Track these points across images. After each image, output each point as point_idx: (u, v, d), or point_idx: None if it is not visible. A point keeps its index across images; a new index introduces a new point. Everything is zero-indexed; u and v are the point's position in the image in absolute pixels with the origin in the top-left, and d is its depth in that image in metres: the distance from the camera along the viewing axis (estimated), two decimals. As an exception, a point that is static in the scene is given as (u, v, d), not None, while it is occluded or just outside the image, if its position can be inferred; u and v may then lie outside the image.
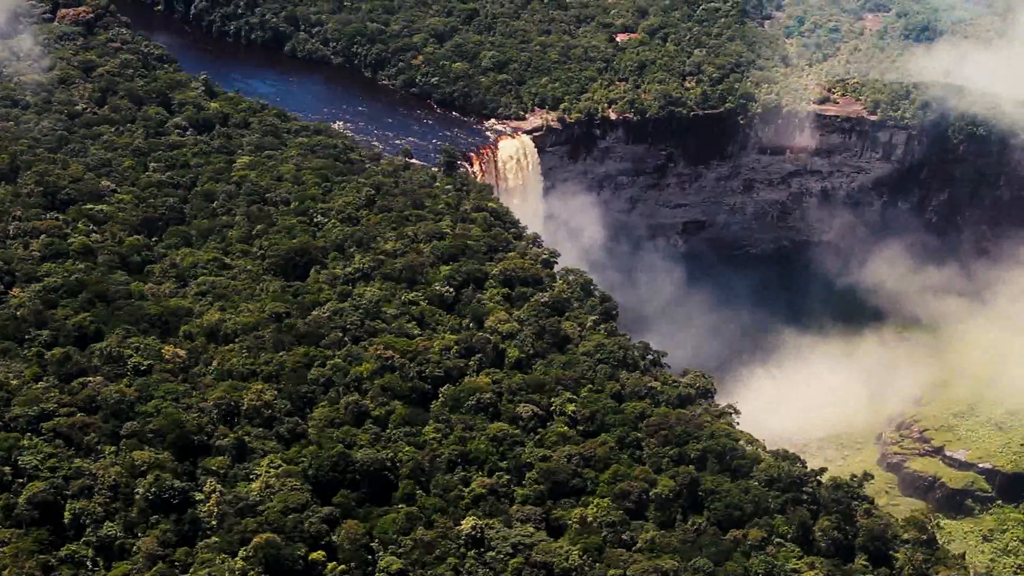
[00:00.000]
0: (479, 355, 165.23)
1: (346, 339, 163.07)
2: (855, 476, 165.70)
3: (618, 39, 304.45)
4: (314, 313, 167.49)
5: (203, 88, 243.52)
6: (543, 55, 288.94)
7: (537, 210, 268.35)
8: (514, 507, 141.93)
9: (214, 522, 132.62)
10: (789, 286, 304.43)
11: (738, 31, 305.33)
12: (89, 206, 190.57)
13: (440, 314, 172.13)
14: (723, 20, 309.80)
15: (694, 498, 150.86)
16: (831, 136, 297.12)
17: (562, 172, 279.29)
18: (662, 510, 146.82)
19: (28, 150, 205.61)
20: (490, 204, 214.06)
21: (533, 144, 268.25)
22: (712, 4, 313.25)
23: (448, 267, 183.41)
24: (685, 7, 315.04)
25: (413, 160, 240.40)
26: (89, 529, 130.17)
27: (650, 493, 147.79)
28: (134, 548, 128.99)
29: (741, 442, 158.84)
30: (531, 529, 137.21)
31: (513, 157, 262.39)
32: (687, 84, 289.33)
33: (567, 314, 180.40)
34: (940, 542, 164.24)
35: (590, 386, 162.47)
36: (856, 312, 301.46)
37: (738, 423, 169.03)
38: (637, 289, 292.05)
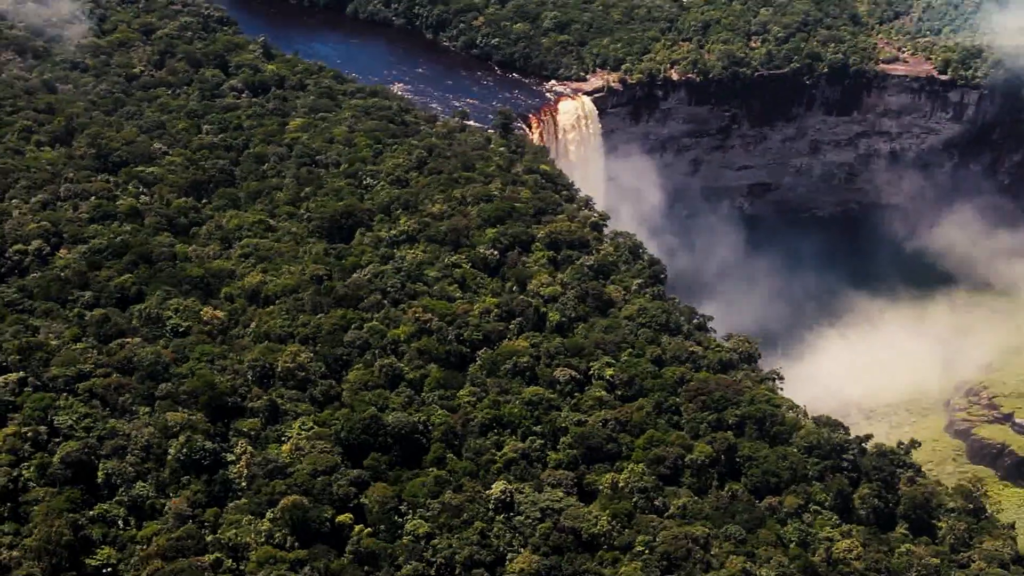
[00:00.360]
0: (519, 319, 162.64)
1: (385, 302, 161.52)
2: (902, 443, 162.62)
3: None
4: (354, 276, 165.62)
5: (261, 51, 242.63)
6: (605, 15, 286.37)
7: (597, 172, 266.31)
8: (546, 472, 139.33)
9: (244, 483, 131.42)
10: (857, 250, 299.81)
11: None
12: (140, 168, 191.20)
13: (482, 277, 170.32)
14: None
15: (732, 464, 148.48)
16: (900, 96, 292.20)
17: (624, 134, 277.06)
18: (697, 476, 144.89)
19: (84, 113, 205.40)
20: (542, 167, 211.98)
21: (594, 105, 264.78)
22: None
23: (494, 230, 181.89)
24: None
25: (469, 122, 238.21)
26: (121, 489, 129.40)
27: (685, 459, 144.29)
28: (165, 508, 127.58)
29: (783, 408, 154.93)
30: (560, 494, 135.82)
31: (573, 119, 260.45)
32: (752, 44, 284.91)
33: (612, 277, 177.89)
34: (990, 511, 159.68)
35: (630, 350, 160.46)
36: (926, 276, 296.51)
37: (782, 389, 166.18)
38: (700, 252, 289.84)
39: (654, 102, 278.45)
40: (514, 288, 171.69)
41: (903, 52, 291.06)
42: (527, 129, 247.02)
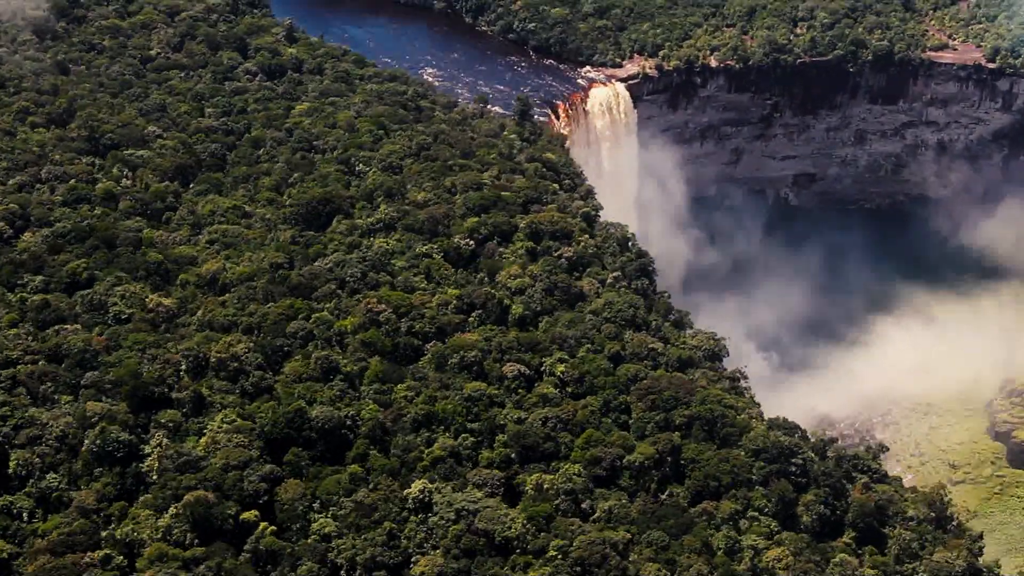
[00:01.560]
0: (479, 311, 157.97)
1: (340, 292, 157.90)
2: (871, 448, 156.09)
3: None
4: (316, 264, 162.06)
5: (284, 34, 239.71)
6: (648, 1, 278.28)
7: (631, 160, 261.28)
8: (473, 471, 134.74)
9: (155, 477, 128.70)
10: (905, 243, 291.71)
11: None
12: (130, 151, 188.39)
13: (446, 268, 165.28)
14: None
15: (677, 467, 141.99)
16: (947, 85, 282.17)
17: (662, 121, 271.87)
18: (636, 479, 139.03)
19: (89, 94, 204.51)
20: (547, 155, 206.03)
21: (627, 92, 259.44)
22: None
23: (475, 219, 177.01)
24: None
25: (495, 108, 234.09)
26: (31, 480, 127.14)
27: (624, 460, 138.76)
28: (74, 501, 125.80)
29: (747, 410, 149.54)
30: (479, 495, 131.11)
31: (604, 105, 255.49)
32: (798, 30, 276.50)
33: (589, 270, 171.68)
34: (961, 518, 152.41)
35: (589, 346, 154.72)
36: (975, 271, 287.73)
37: (748, 387, 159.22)
38: (742, 243, 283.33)
39: (692, 89, 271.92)
40: (484, 280, 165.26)
41: (954, 39, 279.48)
42: (552, 116, 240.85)
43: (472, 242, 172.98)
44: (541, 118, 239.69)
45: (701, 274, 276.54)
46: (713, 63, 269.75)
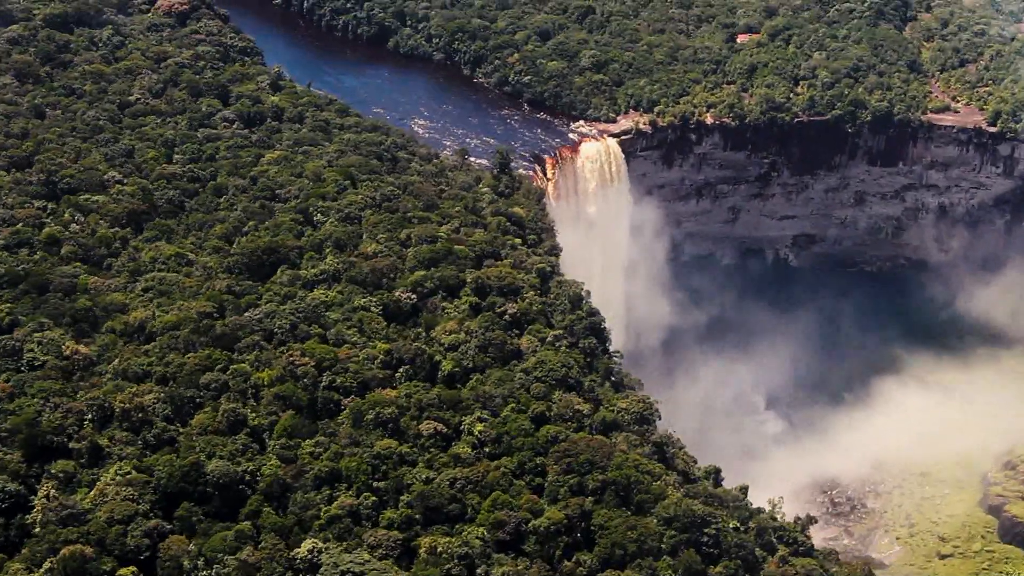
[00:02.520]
0: (406, 367, 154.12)
1: (266, 344, 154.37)
2: (799, 519, 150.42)
3: (738, 40, 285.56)
4: (245, 315, 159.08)
5: (269, 82, 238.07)
6: (648, 55, 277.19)
7: (622, 217, 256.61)
8: (369, 532, 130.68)
9: (38, 529, 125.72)
10: (906, 307, 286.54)
11: (867, 33, 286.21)
12: (86, 196, 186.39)
13: (379, 322, 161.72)
14: (855, 22, 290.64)
15: (588, 533, 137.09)
16: (946, 148, 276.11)
17: (656, 178, 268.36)
18: (542, 544, 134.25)
19: (57, 139, 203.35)
20: (515, 209, 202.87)
21: (619, 148, 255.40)
22: (847, 5, 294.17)
23: (422, 273, 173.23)
24: (817, 7, 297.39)
25: (480, 160, 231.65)
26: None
27: (529, 524, 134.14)
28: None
29: (664, 476, 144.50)
30: (366, 556, 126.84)
31: (594, 161, 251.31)
32: (799, 89, 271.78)
33: (530, 328, 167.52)
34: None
35: (514, 405, 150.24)
36: (976, 337, 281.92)
37: (681, 449, 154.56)
38: (739, 304, 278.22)
39: (687, 146, 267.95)
40: (420, 335, 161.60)
41: (958, 101, 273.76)
42: (538, 171, 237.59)
43: (414, 296, 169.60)
44: (527, 172, 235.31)
45: (695, 334, 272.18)
46: (709, 120, 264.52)
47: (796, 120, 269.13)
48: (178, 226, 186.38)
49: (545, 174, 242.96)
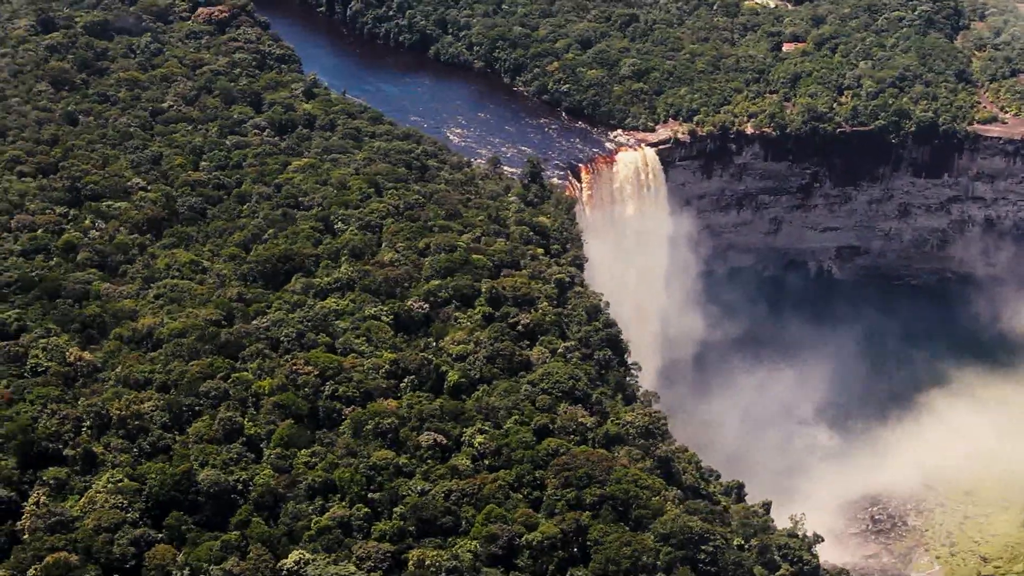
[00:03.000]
0: (411, 377, 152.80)
1: (272, 352, 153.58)
2: (807, 536, 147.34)
3: (784, 48, 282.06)
4: (253, 323, 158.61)
5: (303, 89, 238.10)
6: (690, 64, 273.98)
7: (659, 227, 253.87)
8: (359, 544, 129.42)
9: (26, 536, 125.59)
10: (953, 322, 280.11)
11: (916, 42, 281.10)
12: (108, 203, 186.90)
13: (386, 331, 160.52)
14: (904, 31, 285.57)
15: (584, 548, 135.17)
16: (993, 159, 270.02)
17: (696, 188, 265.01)
18: (535, 559, 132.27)
19: (87, 145, 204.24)
20: (540, 219, 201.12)
21: (657, 158, 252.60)
22: (896, 13, 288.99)
23: (437, 282, 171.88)
24: (866, 16, 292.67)
25: (512, 169, 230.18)
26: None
27: (523, 539, 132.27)
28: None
29: (664, 492, 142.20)
30: (352, 568, 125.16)
31: (631, 171, 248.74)
32: (843, 99, 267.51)
33: (542, 339, 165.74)
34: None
35: (517, 417, 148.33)
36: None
37: (691, 464, 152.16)
38: (781, 316, 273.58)
39: (727, 156, 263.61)
40: (430, 345, 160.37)
41: (1006, 112, 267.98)
42: (573, 180, 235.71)
43: (427, 305, 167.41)
44: (560, 181, 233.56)
45: (735, 347, 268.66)
46: (749, 130, 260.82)
47: (839, 130, 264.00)
48: (198, 233, 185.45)
49: (580, 183, 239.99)
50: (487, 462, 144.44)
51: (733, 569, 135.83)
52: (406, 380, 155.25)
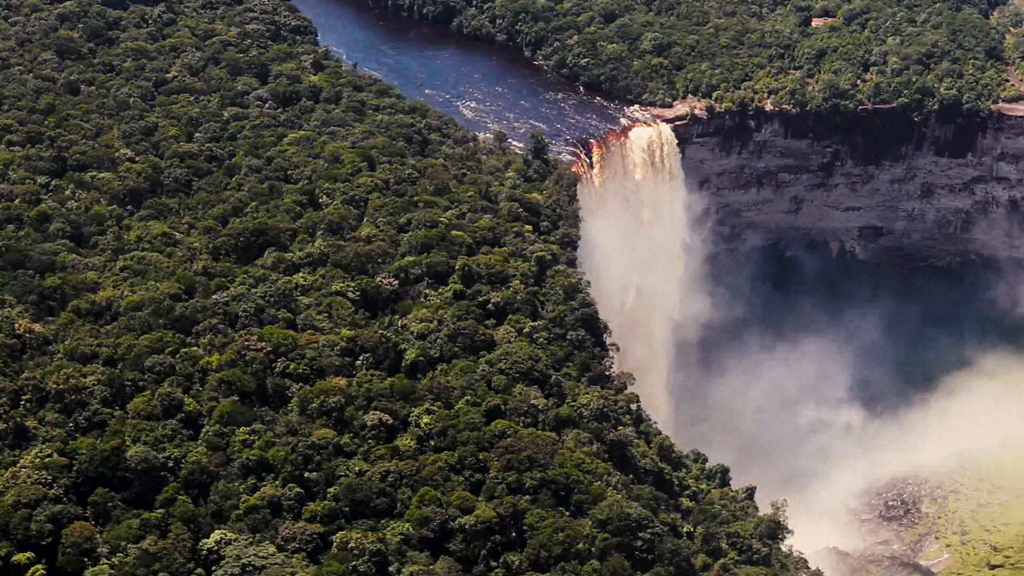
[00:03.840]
0: (367, 355, 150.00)
1: (228, 328, 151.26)
2: (777, 524, 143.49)
3: (814, 24, 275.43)
4: (213, 297, 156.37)
5: (312, 61, 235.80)
6: (713, 39, 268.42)
7: (675, 204, 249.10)
8: (287, 524, 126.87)
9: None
10: (975, 305, 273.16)
11: (948, 18, 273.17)
12: (92, 173, 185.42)
13: (347, 307, 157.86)
14: (937, 6, 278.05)
15: (522, 533, 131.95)
16: (1018, 139, 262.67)
17: (714, 165, 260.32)
18: (468, 543, 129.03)
19: (83, 115, 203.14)
20: (532, 195, 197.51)
21: (672, 134, 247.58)
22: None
23: (412, 259, 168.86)
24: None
25: (517, 144, 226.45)
26: None
27: (456, 522, 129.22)
28: None
29: (606, 477, 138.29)
30: (272, 549, 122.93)
31: (645, 147, 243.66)
32: (868, 76, 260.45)
33: (510, 318, 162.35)
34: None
35: (469, 397, 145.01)
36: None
37: (637, 453, 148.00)
38: (803, 295, 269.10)
39: (746, 133, 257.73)
40: (394, 322, 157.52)
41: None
42: (583, 156, 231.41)
43: (396, 282, 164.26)
44: (568, 157, 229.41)
45: (755, 327, 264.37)
46: (768, 107, 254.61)
47: (860, 108, 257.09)
48: (179, 205, 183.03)
49: (590, 159, 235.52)
50: (433, 443, 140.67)
51: (670, 557, 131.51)
52: (361, 358, 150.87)
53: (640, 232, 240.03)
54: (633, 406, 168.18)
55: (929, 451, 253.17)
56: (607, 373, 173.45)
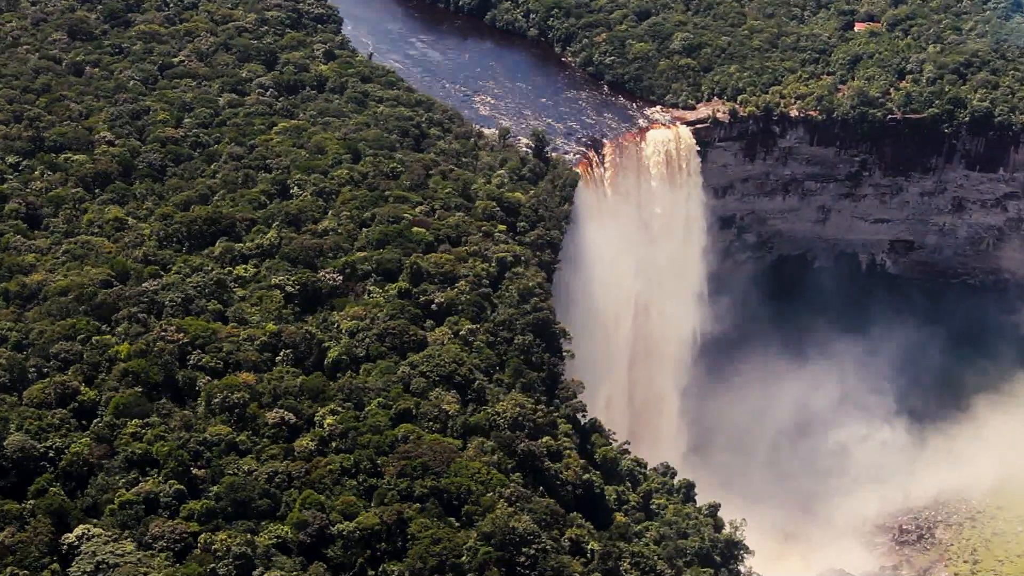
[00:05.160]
0: (288, 351, 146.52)
1: (143, 316, 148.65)
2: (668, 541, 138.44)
3: (856, 28, 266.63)
4: (144, 285, 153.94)
5: (324, 50, 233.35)
6: (746, 41, 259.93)
7: (693, 209, 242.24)
8: (157, 522, 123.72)
9: None
10: (1007, 326, 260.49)
11: (995, 27, 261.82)
12: (67, 155, 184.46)
13: (277, 300, 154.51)
14: (986, 14, 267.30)
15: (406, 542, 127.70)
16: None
17: (739, 171, 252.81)
18: (346, 550, 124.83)
19: (77, 96, 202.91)
20: (515, 194, 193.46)
21: (692, 137, 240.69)
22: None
23: (363, 254, 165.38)
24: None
25: (525, 141, 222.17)
26: None
27: (333, 529, 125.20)
28: None
29: (500, 488, 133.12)
30: (130, 547, 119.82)
31: (662, 150, 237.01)
32: (903, 84, 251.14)
33: (449, 319, 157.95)
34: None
35: (381, 400, 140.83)
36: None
37: (553, 466, 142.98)
38: (831, 309, 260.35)
39: (771, 139, 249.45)
40: (327, 318, 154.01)
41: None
42: (591, 157, 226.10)
43: (340, 277, 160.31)
44: (572, 157, 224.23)
45: (777, 341, 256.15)
46: (793, 113, 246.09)
47: (889, 117, 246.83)
48: (147, 191, 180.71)
49: (602, 161, 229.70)
50: (334, 445, 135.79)
51: (551, 574, 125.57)
52: (282, 354, 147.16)
53: (653, 238, 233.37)
54: (582, 416, 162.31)
55: (951, 475, 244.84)
56: (561, 380, 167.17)
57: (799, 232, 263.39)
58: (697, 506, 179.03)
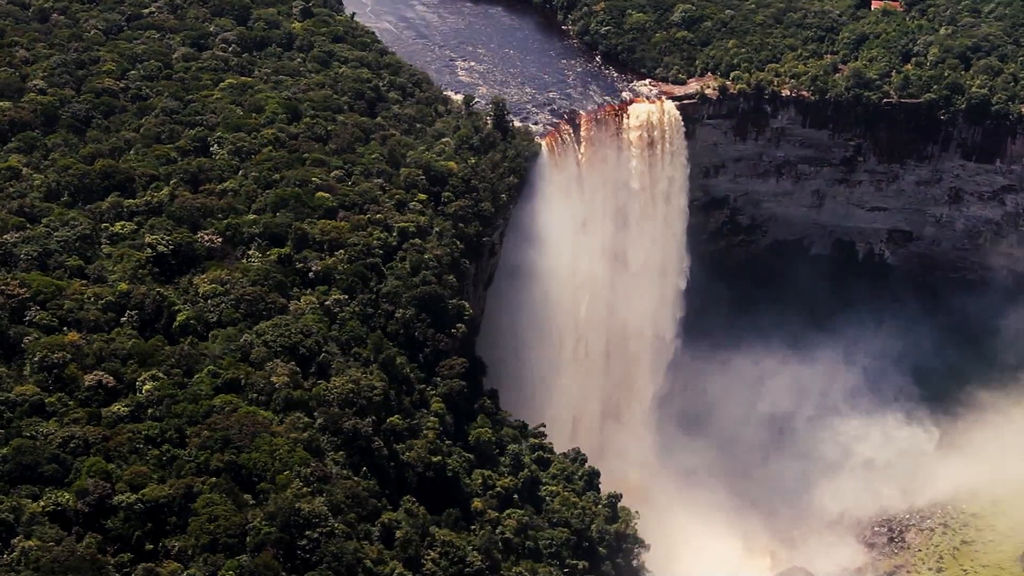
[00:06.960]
0: (134, 312, 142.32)
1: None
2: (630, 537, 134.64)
3: (873, 6, 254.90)
4: (5, 237, 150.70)
5: (300, 8, 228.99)
6: (750, 16, 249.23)
7: (676, 189, 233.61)
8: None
9: None
10: (1006, 328, 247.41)
11: (1015, 10, 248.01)
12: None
13: (135, 258, 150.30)
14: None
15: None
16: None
17: (730, 150, 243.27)
18: (128, 522, 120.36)
19: (28, 43, 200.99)
20: (441, 163, 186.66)
21: (678, 113, 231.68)
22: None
23: (251, 217, 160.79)
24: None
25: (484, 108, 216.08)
26: None
27: (114, 499, 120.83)
28: None
29: (301, 469, 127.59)
30: None
31: (643, 125, 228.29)
32: (907, 67, 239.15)
33: (319, 288, 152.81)
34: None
35: (211, 368, 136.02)
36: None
37: (416, 442, 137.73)
38: (827, 298, 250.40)
39: (762, 118, 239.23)
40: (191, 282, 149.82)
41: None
42: (563, 129, 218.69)
43: (220, 240, 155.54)
44: (546, 128, 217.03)
45: (766, 331, 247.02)
46: (785, 92, 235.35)
47: (884, 101, 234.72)
48: (61, 142, 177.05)
49: (577, 134, 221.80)
50: (150, 412, 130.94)
51: (330, 560, 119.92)
52: (127, 315, 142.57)
53: (626, 217, 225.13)
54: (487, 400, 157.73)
55: (931, 479, 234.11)
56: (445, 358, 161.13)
57: (794, 216, 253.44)
58: (598, 496, 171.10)
